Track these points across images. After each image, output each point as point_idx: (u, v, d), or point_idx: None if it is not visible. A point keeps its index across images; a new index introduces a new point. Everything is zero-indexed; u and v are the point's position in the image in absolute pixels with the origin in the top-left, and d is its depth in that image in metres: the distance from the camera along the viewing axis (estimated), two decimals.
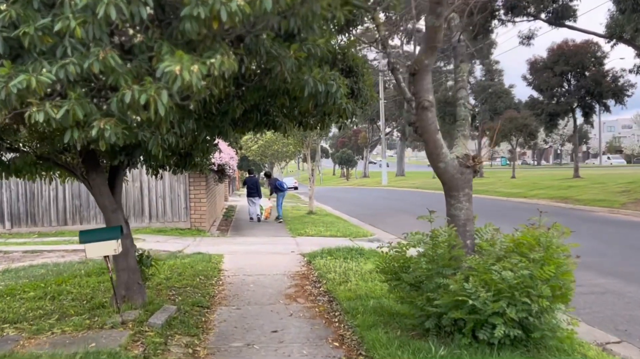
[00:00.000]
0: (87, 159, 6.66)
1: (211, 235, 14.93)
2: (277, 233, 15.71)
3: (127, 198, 14.95)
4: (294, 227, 16.55)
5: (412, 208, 25.19)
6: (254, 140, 43.87)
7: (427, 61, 5.46)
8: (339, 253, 10.69)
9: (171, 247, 12.25)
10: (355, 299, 7.20)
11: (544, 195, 26.01)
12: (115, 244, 6.09)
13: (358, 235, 15.21)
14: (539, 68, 31.17)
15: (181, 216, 15.08)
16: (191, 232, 14.75)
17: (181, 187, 15.00)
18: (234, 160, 15.96)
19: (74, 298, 7.35)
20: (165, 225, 15.02)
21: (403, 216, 21.60)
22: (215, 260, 10.39)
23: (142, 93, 3.81)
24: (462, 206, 5.80)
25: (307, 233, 15.27)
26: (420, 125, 5.64)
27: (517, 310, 4.99)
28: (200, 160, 7.75)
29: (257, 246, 12.71)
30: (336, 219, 20.23)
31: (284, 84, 5.19)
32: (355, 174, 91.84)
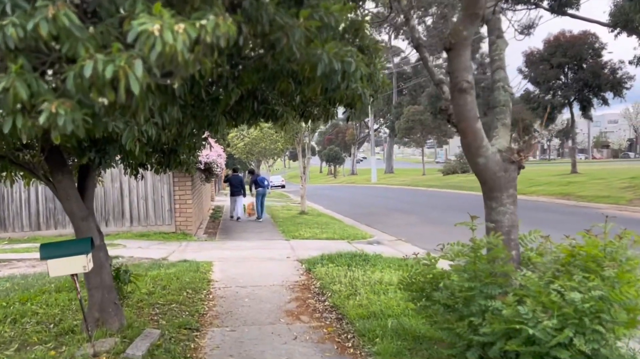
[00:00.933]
0: (50, 157, 5.58)
1: (198, 239, 13.84)
2: (270, 236, 14.66)
3: (105, 200, 13.81)
4: (287, 229, 15.51)
5: (406, 207, 24.25)
6: (240, 137, 42.78)
7: (466, 32, 4.46)
8: (341, 259, 9.67)
9: (154, 254, 11.15)
10: (370, 318, 6.19)
11: (543, 191, 25.21)
12: (85, 260, 5.02)
13: (356, 237, 14.21)
14: (534, 61, 30.35)
15: (165, 219, 13.97)
16: (176, 236, 13.64)
17: (165, 188, 13.90)
18: (222, 158, 14.87)
19: (39, 321, 6.25)
20: (148, 229, 13.89)
21: (399, 216, 20.64)
22: (203, 269, 9.32)
23: (107, 64, 2.74)
24: (505, 210, 4.81)
25: (301, 235, 14.24)
26: (456, 112, 4.64)
27: (587, 340, 4.00)
28: (186, 158, 6.69)
29: (249, 252, 11.65)
30: (330, 219, 19.22)
31: (288, 63, 4.17)
32: (342, 171, 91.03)
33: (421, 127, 54.78)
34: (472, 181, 35.69)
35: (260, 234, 15.01)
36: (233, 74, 4.57)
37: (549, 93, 30.19)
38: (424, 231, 15.82)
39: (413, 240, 14.35)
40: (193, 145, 6.37)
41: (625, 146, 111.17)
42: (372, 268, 8.98)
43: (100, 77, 2.77)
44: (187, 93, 4.18)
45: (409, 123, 54.98)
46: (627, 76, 29.24)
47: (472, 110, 4.62)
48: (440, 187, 36.46)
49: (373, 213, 22.24)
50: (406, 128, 55.78)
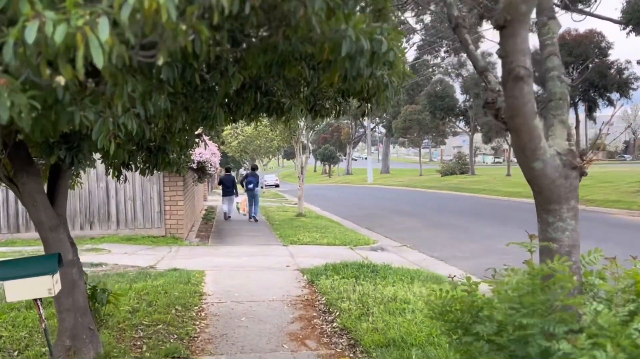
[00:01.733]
0: (14, 154, 4.68)
1: (189, 243, 12.92)
2: (266, 240, 13.75)
3: (90, 201, 12.87)
4: (285, 233, 14.61)
5: (407, 209, 23.41)
6: (234, 135, 41.83)
7: (525, 7, 3.58)
8: (347, 270, 8.78)
9: (141, 261, 10.24)
10: (389, 347, 5.31)
11: None
12: (50, 281, 4.13)
13: (359, 242, 13.33)
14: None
15: (154, 221, 13.05)
16: (166, 240, 12.72)
17: (154, 188, 12.97)
18: (217, 157, 13.96)
19: (1, 346, 5.34)
20: (135, 232, 12.97)
21: (400, 219, 19.79)
22: (195, 280, 8.41)
23: (59, 24, 1.86)
24: (565, 226, 3.93)
25: (300, 240, 13.34)
26: (509, 105, 3.77)
27: None
28: (176, 157, 5.80)
29: (244, 259, 10.75)
30: (329, 222, 18.34)
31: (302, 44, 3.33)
32: (337, 171, 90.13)
33: (419, 126, 53.99)
34: (472, 183, 34.92)
35: (256, 238, 14.11)
36: (235, 56, 3.67)
37: None
38: (430, 237, 14.97)
39: (419, 246, 13.49)
40: (185, 142, 5.48)
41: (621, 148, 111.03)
42: (383, 281, 8.10)
43: (49, 43, 1.89)
44: (177, 78, 3.29)
45: (406, 122, 54.19)
46: (634, 76, 28.53)
47: (529, 103, 3.74)
48: (440, 189, 35.67)
49: (373, 216, 21.39)
50: (403, 128, 54.99)
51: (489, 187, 30.96)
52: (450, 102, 41.92)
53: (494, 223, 17.53)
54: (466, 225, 17.19)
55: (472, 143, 46.11)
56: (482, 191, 30.08)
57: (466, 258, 11.72)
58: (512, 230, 15.46)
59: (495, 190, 29.31)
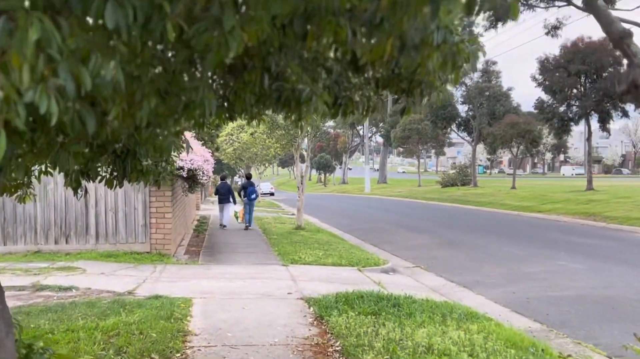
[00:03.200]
0: None
1: (177, 261, 11.43)
2: (263, 258, 12.26)
3: (66, 211, 11.39)
4: (284, 250, 13.12)
5: (413, 223, 21.98)
6: (229, 141, 40.35)
7: None
8: (363, 303, 7.33)
9: (119, 284, 8.75)
10: None
11: (562, 209, 23.05)
12: None
13: (367, 262, 11.87)
14: (549, 68, 28.27)
15: (138, 235, 11.56)
16: (151, 257, 11.23)
17: (139, 198, 11.49)
18: (210, 164, 12.49)
19: None
20: (117, 248, 11.47)
21: (408, 234, 18.36)
22: (179, 313, 6.93)
23: None
24: None
25: (302, 259, 11.87)
26: None
27: None
28: (153, 165, 4.36)
29: (239, 283, 9.28)
30: (331, 237, 16.87)
31: None
32: (333, 180, 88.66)
33: (418, 136, 52.64)
34: (476, 196, 33.54)
35: (252, 256, 12.62)
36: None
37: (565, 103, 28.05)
38: (445, 256, 13.53)
39: (435, 268, 12.06)
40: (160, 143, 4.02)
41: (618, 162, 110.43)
42: (409, 319, 6.64)
43: None
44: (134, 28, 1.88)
45: (405, 132, 52.80)
46: None
47: None
48: (443, 201, 34.25)
49: (377, 230, 19.95)
50: (402, 137, 53.59)
51: (496, 200, 29.57)
52: (453, 110, 40.60)
53: (512, 240, 16.12)
54: (482, 243, 15.76)
55: (474, 154, 44.71)
56: (489, 204, 28.69)
57: (493, 285, 10.28)
58: (535, 250, 14.07)
59: (503, 204, 27.92)
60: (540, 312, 8.37)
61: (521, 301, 9.00)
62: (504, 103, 37.99)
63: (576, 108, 28.56)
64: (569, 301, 8.96)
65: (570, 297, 9.23)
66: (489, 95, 38.58)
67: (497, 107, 37.74)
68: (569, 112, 28.59)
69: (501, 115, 37.03)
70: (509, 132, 34.12)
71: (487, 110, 38.57)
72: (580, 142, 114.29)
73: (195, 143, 12.87)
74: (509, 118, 35.17)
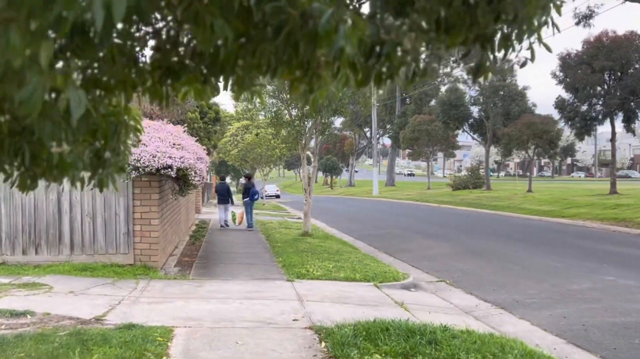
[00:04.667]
0: None
1: (165, 275, 9.86)
2: (265, 272, 10.66)
3: (36, 217, 9.84)
4: (289, 261, 11.53)
5: (429, 228, 20.33)
6: (233, 143, 38.83)
7: None
8: (389, 339, 5.72)
9: (88, 307, 7.19)
10: None
11: (588, 215, 21.36)
12: None
13: (385, 277, 10.27)
14: (571, 64, 26.57)
15: (120, 245, 10.00)
16: (134, 271, 9.66)
17: (121, 202, 9.94)
18: (204, 163, 10.89)
19: None
20: (94, 259, 9.92)
21: (425, 241, 16.74)
22: (153, 352, 5.36)
23: None
24: None
25: (309, 273, 10.27)
26: None
27: None
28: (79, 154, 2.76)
29: (234, 305, 7.69)
30: (341, 245, 15.27)
31: None
32: (339, 182, 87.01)
33: (427, 137, 50.96)
34: (491, 199, 31.85)
35: (253, 268, 11.03)
36: None
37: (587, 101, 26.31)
38: (471, 269, 11.91)
39: (462, 283, 10.46)
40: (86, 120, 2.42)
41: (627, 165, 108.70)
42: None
43: None
44: None
45: (415, 133, 51.13)
46: None
47: None
48: (456, 204, 32.55)
49: (390, 236, 18.34)
50: (412, 139, 51.90)
51: (513, 204, 27.86)
52: (465, 111, 38.88)
53: (543, 249, 14.48)
54: (509, 251, 14.12)
55: (487, 156, 42.98)
56: (506, 208, 26.99)
57: (536, 306, 8.66)
58: (572, 261, 12.43)
59: (521, 208, 26.22)
60: (605, 345, 6.75)
61: (577, 330, 7.38)
62: (519, 102, 36.26)
63: (600, 106, 26.79)
64: (637, 330, 7.33)
65: (635, 324, 7.60)
66: (504, 94, 36.85)
67: (512, 106, 36.02)
68: (593, 111, 26.81)
69: (516, 115, 35.31)
70: (525, 132, 32.40)
71: (501, 110, 36.84)
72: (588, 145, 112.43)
73: (187, 139, 11.31)
74: (525, 118, 33.45)
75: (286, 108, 15.63)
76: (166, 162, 9.39)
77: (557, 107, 28.04)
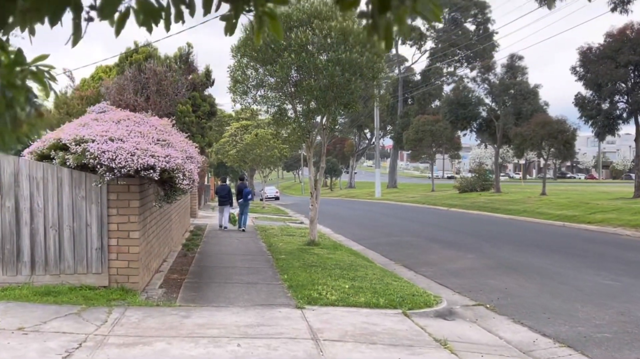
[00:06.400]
0: None
1: (146, 300, 8.05)
2: (269, 294, 8.83)
3: None
4: (297, 279, 9.73)
5: (446, 236, 18.53)
6: (231, 143, 37.03)
7: None
8: None
9: (35, 354, 5.39)
10: None
11: (617, 221, 19.56)
12: None
13: (414, 302, 8.48)
14: (592, 59, 24.77)
15: (92, 263, 8.19)
16: (108, 295, 7.86)
17: (93, 210, 8.13)
18: (195, 163, 9.03)
19: None
20: (60, 280, 8.12)
21: (445, 252, 14.94)
22: None
23: None
24: None
25: (322, 297, 8.44)
26: None
27: None
28: None
29: (230, 348, 5.90)
30: (353, 256, 13.47)
31: None
32: (339, 184, 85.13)
33: (432, 138, 49.15)
34: (505, 202, 30.04)
35: (253, 288, 9.20)
36: None
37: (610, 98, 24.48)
38: (509, 287, 10.13)
39: (505, 307, 8.68)
40: None
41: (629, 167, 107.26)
42: None
43: None
44: None
45: (418, 133, 49.33)
46: None
47: None
48: (466, 208, 30.70)
49: (404, 245, 16.55)
50: (415, 139, 50.08)
51: (530, 209, 26.03)
52: (474, 110, 37.03)
53: (583, 263, 12.72)
54: (547, 266, 12.32)
55: (497, 157, 41.13)
56: (524, 213, 25.17)
57: (613, 344, 6.86)
58: (627, 279, 10.67)
59: (540, 213, 24.40)
60: None
61: None
62: (531, 101, 34.43)
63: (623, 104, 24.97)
64: None
65: None
66: (515, 93, 35.02)
67: (524, 105, 34.18)
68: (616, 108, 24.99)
69: (528, 115, 33.48)
70: (539, 132, 30.57)
71: (512, 109, 35.01)
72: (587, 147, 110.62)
73: (177, 136, 9.51)
74: (540, 117, 31.63)
75: (291, 102, 13.84)
76: (147, 162, 7.60)
77: (577, 105, 26.22)
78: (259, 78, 13.83)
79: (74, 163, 7.79)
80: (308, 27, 13.01)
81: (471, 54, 57.06)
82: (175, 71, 13.80)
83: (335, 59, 12.47)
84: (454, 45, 59.54)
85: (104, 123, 8.49)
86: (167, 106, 12.81)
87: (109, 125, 8.40)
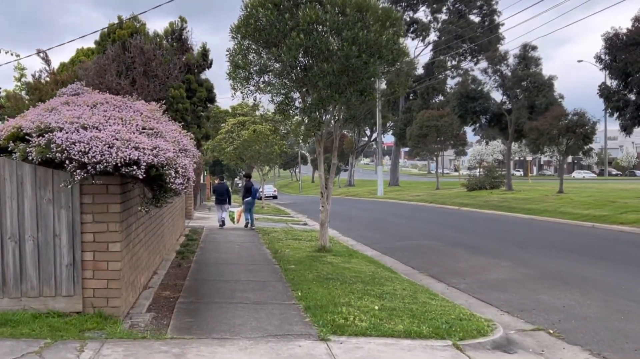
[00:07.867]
0: None
1: (130, 330, 6.38)
2: (282, 318, 7.15)
3: None
4: (313, 296, 8.07)
5: (463, 238, 16.90)
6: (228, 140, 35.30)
7: None
8: None
9: None
10: None
11: None
12: None
13: (464, 329, 6.82)
14: (620, 46, 23.15)
15: (61, 283, 6.53)
16: (81, 323, 6.21)
17: (62, 216, 6.47)
18: (190, 157, 7.33)
19: None
20: (22, 304, 6.46)
21: (469, 257, 13.34)
22: None
23: None
24: None
25: (351, 324, 6.76)
26: None
27: None
28: None
29: None
30: (372, 265, 11.82)
31: None
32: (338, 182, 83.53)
33: (437, 133, 47.49)
34: (520, 201, 28.41)
35: (261, 309, 7.53)
36: None
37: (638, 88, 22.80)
38: (567, 305, 8.50)
39: (573, 333, 7.07)
40: None
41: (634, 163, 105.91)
42: None
43: None
44: None
45: (423, 129, 47.66)
46: None
47: None
48: (480, 207, 29.04)
49: (422, 249, 14.94)
50: (419, 135, 48.40)
51: (551, 208, 24.41)
52: (485, 103, 35.34)
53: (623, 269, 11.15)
54: (601, 277, 10.68)
55: (509, 153, 39.52)
56: (545, 212, 23.54)
57: None
58: None
59: (562, 212, 22.78)
60: None
61: None
62: (546, 94, 32.78)
63: None
64: None
65: None
66: (527, 85, 33.37)
67: (539, 98, 32.53)
68: None
69: (542, 108, 31.85)
70: (556, 126, 28.96)
71: (526, 102, 33.36)
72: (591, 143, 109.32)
73: (167, 124, 7.82)
74: (557, 110, 30.03)
75: (298, 90, 12.19)
76: (130, 155, 5.94)
77: (602, 96, 24.59)
78: (262, 63, 12.17)
79: (37, 158, 6.09)
80: (317, 3, 11.42)
81: (475, 47, 55.45)
82: (166, 50, 12.13)
83: (350, 38, 10.83)
84: (459, 37, 57.91)
85: (76, 108, 6.82)
86: (156, 90, 11.06)
87: (82, 109, 6.73)
